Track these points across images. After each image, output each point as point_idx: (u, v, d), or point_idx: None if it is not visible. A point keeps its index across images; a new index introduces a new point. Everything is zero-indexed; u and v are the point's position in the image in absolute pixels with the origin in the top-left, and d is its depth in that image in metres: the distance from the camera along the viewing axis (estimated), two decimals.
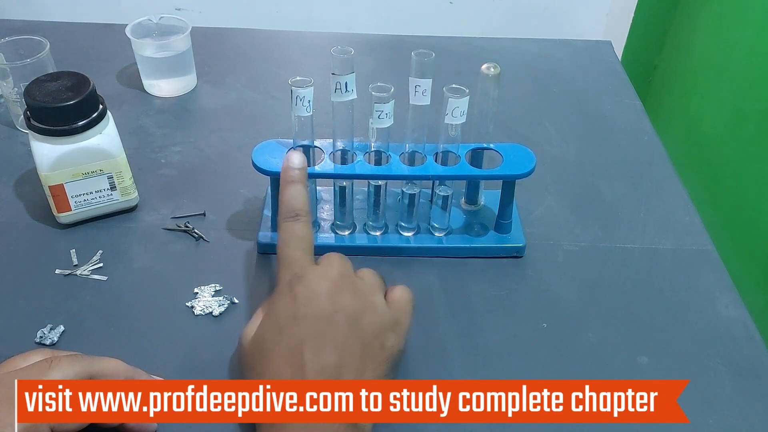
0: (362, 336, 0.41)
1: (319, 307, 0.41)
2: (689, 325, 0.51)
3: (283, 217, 0.46)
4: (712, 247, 0.58)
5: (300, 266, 0.44)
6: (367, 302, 0.43)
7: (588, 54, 0.86)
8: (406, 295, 0.46)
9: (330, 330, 0.41)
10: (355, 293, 0.43)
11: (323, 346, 0.40)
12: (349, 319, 0.41)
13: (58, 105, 0.51)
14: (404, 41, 0.86)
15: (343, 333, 0.41)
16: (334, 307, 0.42)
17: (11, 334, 0.49)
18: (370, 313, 0.42)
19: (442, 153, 0.53)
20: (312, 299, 0.42)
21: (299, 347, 0.40)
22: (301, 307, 0.41)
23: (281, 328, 0.41)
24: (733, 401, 0.46)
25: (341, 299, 0.42)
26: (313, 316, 0.41)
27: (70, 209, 0.56)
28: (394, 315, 0.44)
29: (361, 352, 0.41)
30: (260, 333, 0.42)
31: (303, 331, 0.41)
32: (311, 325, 0.41)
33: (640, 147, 0.70)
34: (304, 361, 0.39)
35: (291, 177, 0.48)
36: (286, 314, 0.42)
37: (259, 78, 0.79)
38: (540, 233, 0.59)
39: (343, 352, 0.40)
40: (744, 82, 0.84)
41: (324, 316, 0.41)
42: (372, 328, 0.42)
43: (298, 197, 0.47)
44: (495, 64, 0.51)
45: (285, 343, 0.40)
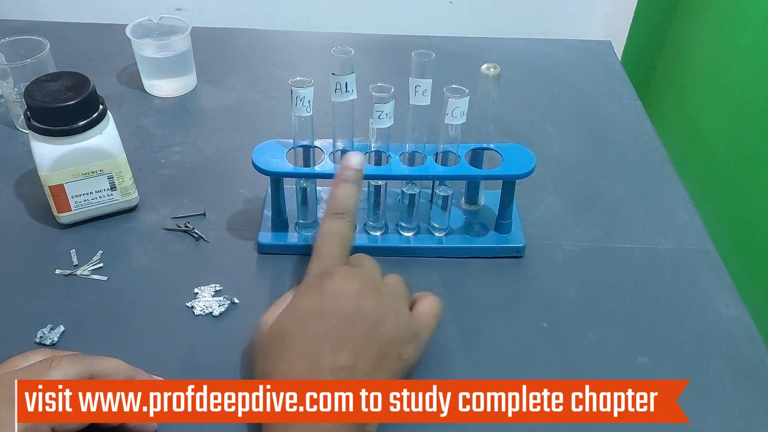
0: (381, 343, 0.41)
1: (344, 306, 0.42)
2: (689, 325, 0.51)
3: (329, 212, 0.46)
4: (712, 247, 0.58)
5: (333, 263, 0.44)
6: (390, 310, 0.43)
7: (588, 54, 0.86)
8: (432, 309, 0.46)
9: (351, 331, 0.41)
10: (380, 299, 0.43)
11: (342, 347, 0.40)
12: (371, 324, 0.41)
13: (58, 105, 0.51)
14: (404, 41, 0.86)
15: (363, 337, 0.41)
16: (358, 309, 0.42)
17: (11, 334, 0.49)
18: (392, 322, 0.42)
19: (442, 153, 0.53)
20: (338, 297, 0.42)
21: (319, 343, 0.40)
22: (326, 303, 0.42)
23: (304, 320, 0.41)
24: (733, 401, 0.46)
25: (366, 303, 0.42)
26: (337, 315, 0.41)
27: (70, 209, 0.56)
28: (416, 327, 0.44)
29: (378, 359, 0.41)
30: (282, 321, 0.42)
31: (325, 327, 0.41)
32: (333, 324, 0.41)
33: (640, 147, 0.70)
34: (322, 359, 0.40)
35: (346, 176, 0.48)
36: (311, 308, 0.42)
37: (259, 78, 0.79)
38: (540, 233, 0.59)
39: (360, 356, 0.40)
40: (744, 82, 0.84)
41: (347, 317, 0.41)
42: (391, 337, 0.42)
43: (348, 197, 0.47)
44: (495, 64, 0.51)
45: (305, 336, 0.41)
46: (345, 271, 0.44)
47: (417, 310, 0.45)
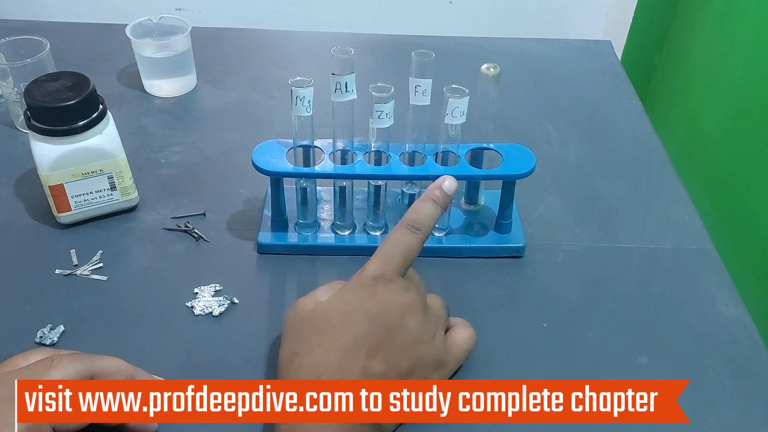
0: (413, 361, 0.42)
1: (391, 315, 0.42)
2: (689, 325, 0.51)
3: (407, 222, 0.45)
4: (712, 247, 0.58)
5: (393, 270, 0.43)
6: (429, 333, 0.43)
7: (588, 54, 0.86)
8: (465, 343, 0.46)
9: (390, 342, 0.41)
10: (425, 319, 0.43)
11: (377, 353, 0.40)
12: (410, 341, 0.42)
13: (58, 105, 0.51)
14: (404, 41, 0.86)
15: (399, 350, 0.41)
16: (401, 322, 0.42)
17: (11, 334, 0.49)
18: (427, 345, 0.43)
19: (442, 153, 0.53)
20: (388, 305, 0.42)
21: (357, 343, 0.40)
22: (375, 307, 0.42)
23: (349, 316, 0.42)
24: (733, 401, 0.46)
25: (411, 319, 0.42)
26: (382, 322, 0.41)
27: (70, 209, 0.56)
28: (447, 356, 0.44)
29: (405, 375, 0.41)
30: (328, 308, 0.42)
31: (367, 330, 0.41)
32: (376, 329, 0.41)
33: (640, 147, 0.70)
34: (355, 358, 0.40)
35: (435, 196, 0.46)
36: (360, 306, 0.42)
37: (259, 78, 0.79)
38: (540, 233, 0.59)
39: (391, 368, 0.41)
40: (744, 81, 0.84)
41: (390, 327, 0.41)
42: (424, 358, 0.42)
43: (431, 217, 0.46)
44: (495, 64, 0.51)
45: (347, 331, 0.41)
46: (401, 282, 0.44)
47: (451, 340, 0.46)
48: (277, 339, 0.48)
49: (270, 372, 0.46)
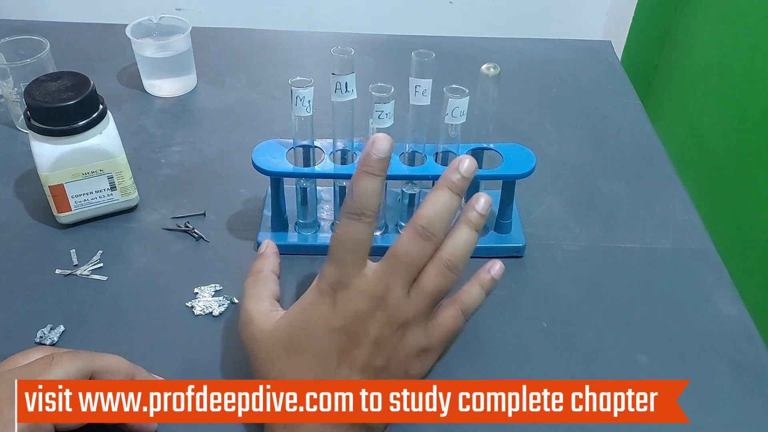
0: (386, 362, 0.40)
1: (352, 325, 0.40)
2: (689, 325, 0.51)
3: (346, 210, 0.40)
4: (712, 247, 0.58)
5: (347, 273, 0.40)
6: (398, 332, 0.40)
7: (588, 54, 0.86)
8: (451, 325, 0.42)
9: (355, 349, 0.40)
10: (392, 321, 0.40)
11: (346, 361, 0.40)
12: (377, 345, 0.40)
13: (58, 105, 0.51)
14: (404, 41, 0.86)
15: (366, 356, 0.40)
16: (365, 329, 0.40)
17: (11, 334, 0.49)
18: (401, 344, 0.40)
19: (442, 153, 0.53)
20: (348, 315, 0.40)
21: (327, 358, 0.40)
22: (336, 320, 0.40)
23: (314, 333, 0.40)
24: (733, 401, 0.46)
25: (374, 325, 0.39)
26: (344, 332, 0.40)
27: (70, 209, 0.56)
28: (428, 342, 0.41)
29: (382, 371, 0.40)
30: (292, 329, 0.41)
31: (334, 343, 0.40)
32: (341, 340, 0.40)
33: (640, 147, 0.70)
34: (328, 371, 0.40)
35: (370, 167, 0.39)
36: (322, 322, 0.40)
37: (259, 78, 0.79)
38: (540, 233, 0.59)
39: (364, 372, 0.40)
40: (744, 81, 0.84)
41: (354, 335, 0.40)
42: (399, 357, 0.40)
43: (371, 194, 0.39)
44: (495, 64, 0.51)
45: (315, 350, 0.40)
46: (360, 283, 0.40)
47: (435, 321, 0.42)
48: None
49: None
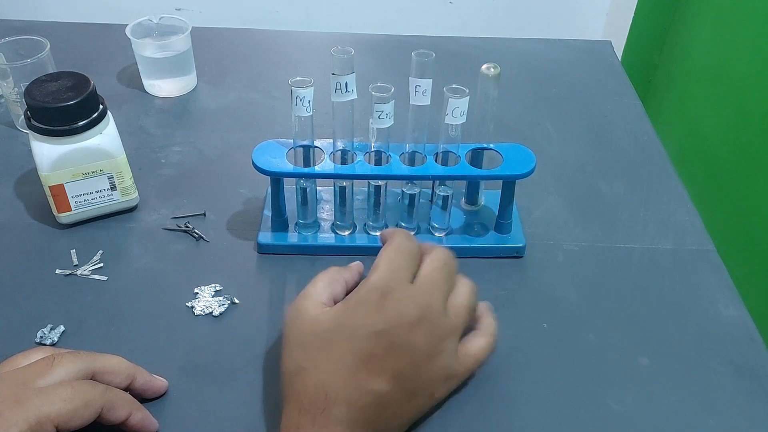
0: (418, 380, 0.41)
1: (397, 332, 0.40)
2: (690, 326, 0.51)
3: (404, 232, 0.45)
4: (712, 247, 0.58)
5: (399, 279, 0.42)
6: (439, 348, 0.41)
7: (588, 54, 0.86)
8: (480, 353, 0.44)
9: (396, 360, 0.40)
10: (433, 333, 0.41)
11: (381, 372, 0.40)
12: (415, 359, 0.40)
13: (58, 105, 0.51)
14: (404, 41, 0.86)
15: (405, 369, 0.40)
16: (408, 340, 0.40)
17: (11, 334, 0.49)
18: (435, 361, 0.41)
19: (442, 153, 0.53)
20: (395, 321, 0.40)
21: (362, 361, 0.40)
22: (381, 324, 0.40)
23: (356, 334, 0.40)
24: (733, 401, 0.46)
25: (419, 335, 0.40)
26: (387, 338, 0.40)
27: (70, 209, 0.56)
28: (457, 368, 0.43)
29: (411, 393, 0.41)
30: (334, 324, 0.41)
31: (373, 348, 0.40)
32: (382, 347, 0.40)
33: (640, 147, 0.70)
34: (360, 377, 0.39)
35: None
36: (365, 321, 0.40)
37: (259, 78, 0.78)
38: (540, 233, 0.59)
39: (396, 386, 0.40)
40: (744, 82, 0.84)
41: (397, 345, 0.40)
42: (430, 377, 0.41)
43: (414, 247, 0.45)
44: (495, 64, 0.51)
45: (353, 349, 0.40)
46: (409, 292, 0.42)
47: (465, 349, 0.43)
48: (278, 339, 0.48)
49: (270, 372, 0.46)
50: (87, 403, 0.38)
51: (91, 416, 0.38)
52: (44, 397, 0.37)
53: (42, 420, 0.36)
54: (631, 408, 0.46)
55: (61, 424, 0.37)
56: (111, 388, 0.40)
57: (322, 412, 0.38)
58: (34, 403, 0.36)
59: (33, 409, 0.36)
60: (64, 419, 0.37)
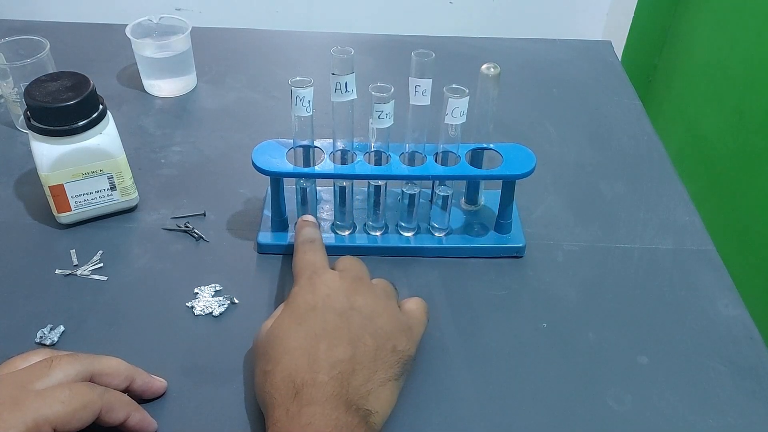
0: (375, 335, 0.42)
1: (336, 302, 0.43)
2: (689, 325, 0.51)
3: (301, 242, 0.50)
4: (712, 247, 0.58)
5: (319, 267, 0.46)
6: (381, 304, 0.45)
7: (588, 54, 0.86)
8: (420, 305, 0.48)
9: (346, 326, 0.42)
10: (371, 295, 0.45)
11: (338, 341, 0.41)
12: (364, 317, 0.43)
13: (58, 105, 0.51)
14: (404, 41, 0.86)
15: (358, 329, 0.42)
16: (350, 304, 0.43)
17: (11, 334, 0.49)
18: (385, 315, 0.44)
19: (442, 153, 0.53)
20: (330, 295, 0.44)
21: (316, 339, 0.41)
22: (320, 300, 0.43)
23: (300, 317, 0.43)
24: (733, 401, 0.46)
25: (357, 298, 0.44)
26: (331, 310, 0.43)
27: (70, 209, 0.56)
28: (408, 321, 0.46)
29: (374, 352, 0.42)
30: (280, 322, 0.43)
31: (320, 323, 0.42)
32: (329, 319, 0.42)
33: (640, 147, 0.70)
34: (319, 353, 0.40)
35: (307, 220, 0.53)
36: (305, 305, 0.43)
37: (259, 78, 0.79)
38: (540, 233, 0.59)
39: (357, 349, 0.41)
40: (744, 82, 0.84)
41: (341, 311, 0.43)
42: (385, 330, 0.43)
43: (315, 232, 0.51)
44: (495, 64, 0.51)
45: (303, 332, 0.42)
46: (332, 273, 0.46)
47: (406, 308, 0.47)
48: None
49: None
50: (85, 405, 0.38)
51: (89, 418, 0.38)
52: (42, 400, 0.37)
53: (40, 422, 0.36)
54: (631, 407, 0.46)
55: (59, 426, 0.37)
56: (109, 390, 0.40)
57: (293, 401, 0.38)
58: (32, 405, 0.36)
59: (31, 412, 0.36)
60: (62, 421, 0.37)
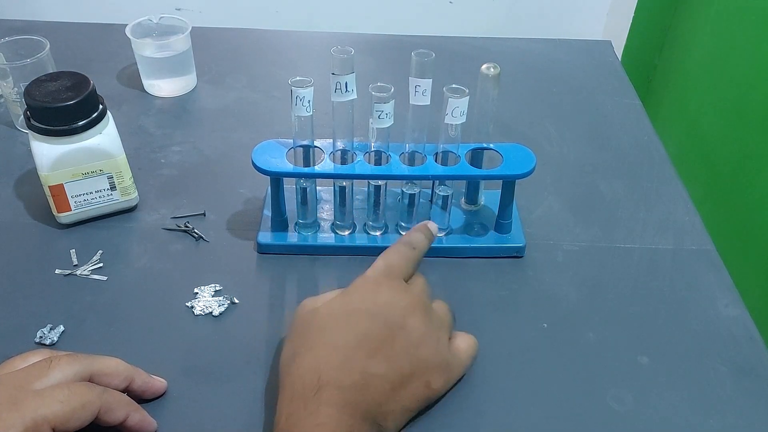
0: (414, 362, 0.41)
1: (392, 316, 0.42)
2: (689, 325, 0.51)
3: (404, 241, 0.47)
4: (712, 247, 0.58)
5: (395, 273, 0.45)
6: (433, 334, 0.43)
7: (588, 54, 0.86)
8: (470, 349, 0.46)
9: (390, 342, 0.41)
10: (426, 320, 0.43)
11: (376, 354, 0.40)
12: (411, 341, 0.42)
13: (58, 105, 0.51)
14: (404, 41, 0.86)
15: (400, 349, 0.41)
16: (403, 323, 0.42)
17: (11, 334, 0.49)
18: (431, 346, 0.42)
19: (442, 153, 0.53)
20: (391, 304, 0.42)
21: (357, 343, 0.40)
22: (377, 307, 0.42)
23: (351, 314, 0.42)
24: (733, 401, 0.46)
25: (413, 320, 0.42)
26: (383, 321, 0.41)
27: (70, 209, 0.56)
28: (451, 360, 0.44)
29: (407, 377, 0.41)
30: (330, 308, 0.43)
31: (367, 328, 0.41)
32: (377, 328, 0.41)
33: (640, 147, 0.70)
34: (355, 358, 0.40)
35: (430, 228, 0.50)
36: (361, 305, 0.42)
37: (259, 78, 0.79)
38: (540, 233, 0.59)
39: (391, 368, 0.40)
40: (744, 81, 0.84)
41: (391, 326, 0.41)
42: (426, 360, 0.42)
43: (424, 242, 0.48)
44: (495, 64, 0.51)
45: (347, 330, 0.41)
46: (402, 285, 0.44)
47: (456, 345, 0.45)
48: (278, 339, 0.48)
49: (270, 372, 0.46)
50: (84, 405, 0.38)
51: (88, 418, 0.38)
52: (41, 399, 0.37)
53: (39, 422, 0.36)
54: (631, 407, 0.46)
55: (58, 425, 0.36)
56: (108, 390, 0.40)
57: (314, 395, 0.38)
58: (31, 404, 0.36)
59: (29, 411, 0.36)
60: (61, 421, 0.37)
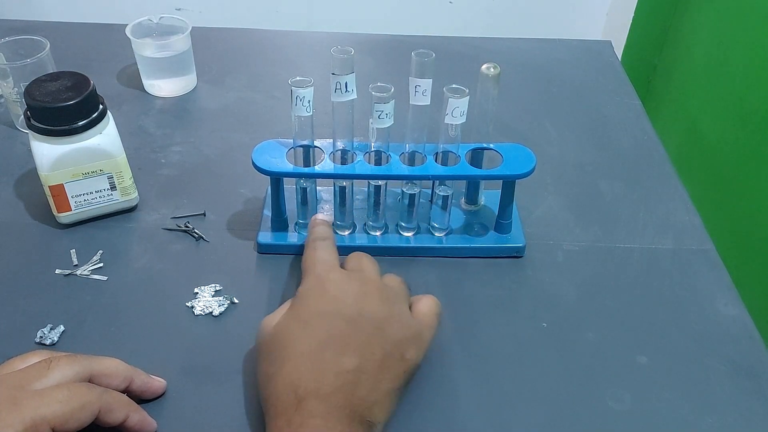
0: (384, 344, 0.41)
1: (345, 307, 0.42)
2: (689, 326, 0.51)
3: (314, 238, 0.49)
4: (712, 247, 0.58)
5: (329, 266, 0.45)
6: (392, 310, 0.43)
7: (588, 54, 0.86)
8: (433, 308, 0.46)
9: (353, 334, 0.41)
10: (382, 300, 0.43)
11: (345, 350, 0.40)
12: (374, 326, 0.42)
13: (58, 105, 0.51)
14: (404, 41, 0.86)
15: (366, 338, 0.41)
16: (359, 310, 0.42)
17: (11, 334, 0.49)
18: (395, 322, 0.43)
19: (442, 153, 0.53)
20: (339, 299, 0.42)
21: (323, 346, 0.40)
22: (329, 305, 0.42)
23: (307, 321, 0.42)
24: (732, 401, 0.46)
25: (369, 304, 0.43)
26: (339, 316, 0.42)
27: (70, 209, 0.56)
28: (418, 327, 0.44)
29: (381, 360, 0.41)
30: (285, 323, 0.42)
31: (328, 329, 0.41)
32: (336, 325, 0.41)
33: (640, 147, 0.70)
34: (326, 362, 0.40)
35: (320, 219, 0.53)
36: (313, 309, 0.42)
37: (259, 78, 0.79)
38: (540, 233, 0.59)
39: (364, 358, 0.40)
40: (744, 81, 0.84)
41: (349, 318, 0.41)
42: (395, 338, 0.42)
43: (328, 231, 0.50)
44: (495, 64, 0.51)
45: (309, 337, 0.41)
46: (344, 273, 0.45)
47: (417, 311, 0.45)
48: None
49: None
50: (83, 406, 0.38)
51: (87, 419, 0.38)
52: (40, 399, 0.37)
53: (38, 422, 0.36)
54: (630, 406, 0.46)
55: (57, 426, 0.36)
56: (108, 391, 0.40)
57: (295, 411, 0.38)
58: (30, 405, 0.36)
59: (29, 411, 0.36)
60: (61, 421, 0.37)
